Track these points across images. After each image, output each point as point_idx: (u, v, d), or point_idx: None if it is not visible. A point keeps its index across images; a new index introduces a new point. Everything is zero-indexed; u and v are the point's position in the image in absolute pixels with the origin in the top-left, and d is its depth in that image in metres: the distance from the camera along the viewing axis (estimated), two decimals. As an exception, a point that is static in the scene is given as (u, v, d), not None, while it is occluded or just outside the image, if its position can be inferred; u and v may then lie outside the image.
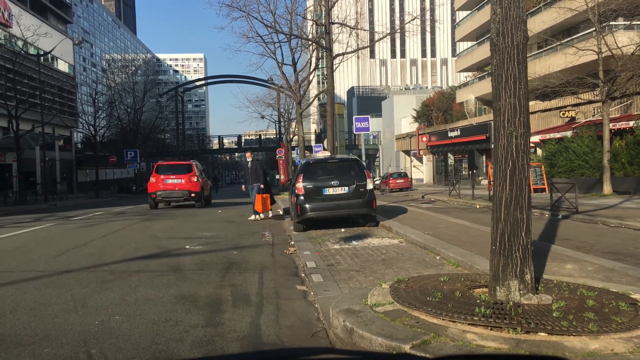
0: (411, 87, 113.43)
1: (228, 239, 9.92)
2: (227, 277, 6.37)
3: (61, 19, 59.75)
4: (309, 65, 27.14)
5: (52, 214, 19.62)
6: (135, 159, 45.45)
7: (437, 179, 49.61)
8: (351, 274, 6.46)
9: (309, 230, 10.79)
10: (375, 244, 8.75)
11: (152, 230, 11.69)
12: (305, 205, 10.43)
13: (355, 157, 11.90)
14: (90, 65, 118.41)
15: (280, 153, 36.75)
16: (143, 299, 5.24)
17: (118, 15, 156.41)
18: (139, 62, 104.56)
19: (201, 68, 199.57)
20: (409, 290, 4.48)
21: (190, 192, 18.83)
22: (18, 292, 5.53)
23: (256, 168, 14.73)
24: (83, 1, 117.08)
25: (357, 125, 15.69)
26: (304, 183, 10.49)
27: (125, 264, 7.26)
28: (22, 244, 9.72)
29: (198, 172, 19.59)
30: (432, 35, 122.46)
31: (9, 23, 43.17)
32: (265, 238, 10.16)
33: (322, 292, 5.55)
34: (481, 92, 40.34)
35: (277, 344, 3.92)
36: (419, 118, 56.76)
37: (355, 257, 7.55)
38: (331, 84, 16.02)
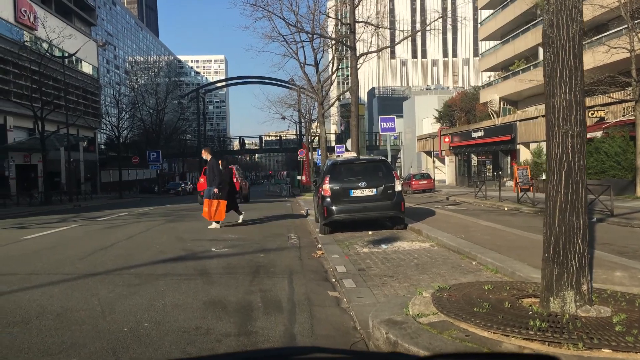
0: (432, 87, 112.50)
1: (253, 242, 9.73)
2: (255, 282, 6.17)
3: (85, 22, 60.51)
4: (331, 66, 26.92)
5: (77, 214, 19.72)
6: (157, 159, 45.75)
7: (459, 180, 48.95)
8: (384, 279, 6.21)
9: (335, 232, 10.56)
10: (405, 248, 8.47)
11: (176, 231, 11.57)
12: (331, 207, 10.20)
13: (383, 158, 11.62)
14: (113, 67, 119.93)
15: (302, 154, 36.56)
16: (171, 305, 5.06)
17: (140, 17, 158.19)
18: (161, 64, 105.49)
19: (222, 69, 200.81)
20: (452, 300, 4.22)
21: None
22: (44, 296, 5.40)
23: (212, 168, 12.36)
24: (107, 4, 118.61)
25: (383, 126, 15.41)
26: (330, 184, 10.26)
27: (151, 267, 7.11)
28: (48, 245, 9.67)
29: (238, 174, 22.26)
30: (454, 34, 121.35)
31: (34, 26, 43.83)
32: (291, 240, 9.95)
33: (356, 299, 5.31)
34: (506, 92, 39.68)
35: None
36: (441, 118, 56.12)
37: (386, 262, 7.30)
38: (355, 83, 15.75)
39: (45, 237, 11.19)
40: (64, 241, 10.18)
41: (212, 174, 12.29)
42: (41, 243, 10.02)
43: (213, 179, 12.25)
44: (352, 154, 11.79)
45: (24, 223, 15.40)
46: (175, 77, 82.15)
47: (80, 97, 52.65)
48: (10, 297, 5.36)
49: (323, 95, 26.86)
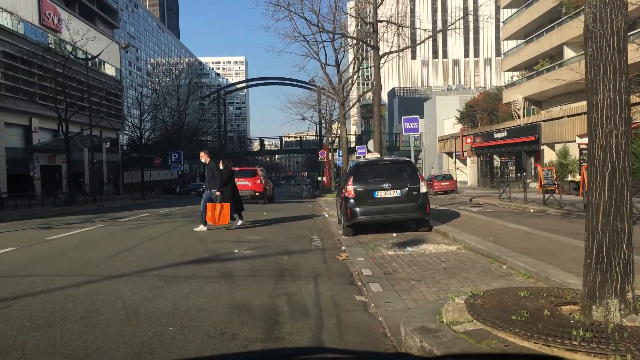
0: (453, 87, 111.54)
1: (276, 243, 9.63)
2: (280, 285, 6.06)
3: (108, 24, 61.27)
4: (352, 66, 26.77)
5: (100, 215, 19.87)
6: (179, 160, 46.06)
7: (482, 182, 48.35)
8: (412, 283, 6.05)
9: (359, 234, 10.41)
10: (432, 251, 8.29)
11: (199, 233, 11.53)
12: (355, 209, 10.05)
13: (407, 158, 11.44)
14: (135, 69, 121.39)
15: (323, 155, 36.44)
16: (196, 308, 4.97)
17: (162, 19, 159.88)
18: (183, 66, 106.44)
19: (242, 71, 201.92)
20: (487, 307, 4.04)
21: (255, 192, 22.74)
22: (68, 299, 5.35)
23: (212, 170, 11.95)
24: (129, 6, 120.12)
25: (407, 126, 15.20)
26: (354, 186, 10.11)
27: (175, 269, 7.05)
28: (72, 245, 9.70)
29: (262, 176, 23.58)
30: (476, 34, 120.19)
31: (58, 28, 44.50)
32: (315, 243, 9.83)
33: (384, 304, 5.16)
34: (529, 91, 39.09)
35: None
36: (463, 119, 55.55)
37: (413, 265, 7.13)
38: (378, 83, 15.58)
39: (69, 237, 11.24)
40: (87, 242, 10.21)
41: (212, 176, 11.90)
42: (65, 244, 10.06)
43: (214, 182, 11.87)
44: (375, 155, 11.63)
45: (49, 223, 15.54)
46: (196, 78, 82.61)
47: (103, 98, 53.28)
48: (34, 299, 5.33)
49: (344, 96, 26.70)
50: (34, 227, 14.36)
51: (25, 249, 9.21)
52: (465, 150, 49.41)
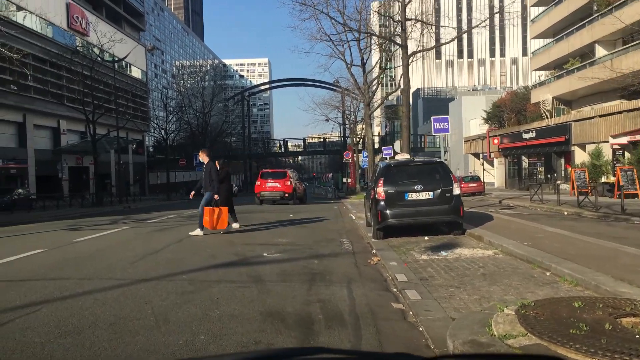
0: (479, 87, 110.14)
1: (306, 246, 9.42)
2: (313, 291, 5.83)
3: (134, 27, 62.00)
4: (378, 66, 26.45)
5: (127, 216, 19.94)
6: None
7: (509, 183, 47.47)
8: (450, 290, 5.76)
9: (389, 237, 10.13)
10: (467, 255, 7.98)
11: (226, 235, 11.38)
12: (386, 212, 9.78)
13: (440, 159, 11.11)
14: (161, 71, 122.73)
15: (347, 156, 36.16)
16: (227, 315, 4.78)
17: (187, 22, 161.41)
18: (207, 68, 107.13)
19: (265, 72, 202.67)
20: (540, 319, 3.75)
21: (285, 193, 23.47)
22: (97, 304, 5.21)
23: (210, 172, 11.38)
24: (154, 10, 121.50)
25: (436, 126, 14.84)
26: (384, 187, 9.83)
27: (203, 273, 6.88)
28: (100, 247, 9.63)
29: (292, 177, 24.34)
30: (502, 33, 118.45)
31: (86, 31, 45.15)
32: (344, 246, 9.59)
33: (424, 313, 4.90)
34: (559, 91, 38.21)
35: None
36: (490, 119, 54.65)
37: (449, 271, 6.83)
38: (407, 83, 15.27)
39: (97, 239, 11.19)
40: (115, 244, 10.14)
41: (210, 178, 11.32)
42: (93, 246, 10.00)
43: (211, 184, 11.29)
44: (405, 156, 11.34)
45: (77, 225, 15.60)
46: (221, 80, 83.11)
47: (129, 100, 53.91)
48: (63, 304, 5.20)
49: (369, 97, 26.39)
50: (61, 228, 14.41)
51: (53, 251, 9.17)
52: (492, 151, 48.60)
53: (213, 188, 11.23)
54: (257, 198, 24.27)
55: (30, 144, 40.29)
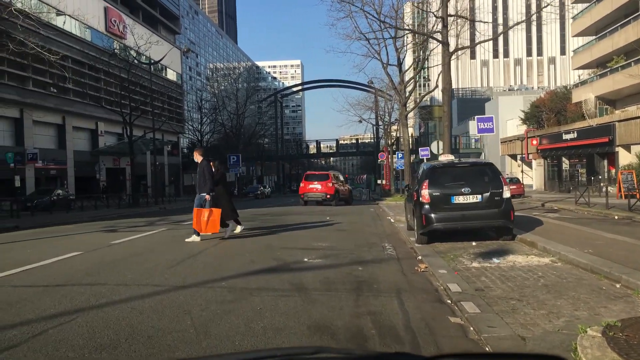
0: (515, 87, 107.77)
1: (347, 251, 9.01)
2: (361, 302, 5.43)
3: (170, 30, 62.73)
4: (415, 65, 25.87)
5: (163, 217, 19.88)
6: (237, 163, 46.30)
7: (549, 185, 46.07)
8: (512, 303, 5.28)
9: (434, 242, 9.64)
10: (522, 263, 7.45)
11: (264, 238, 11.08)
12: (431, 215, 9.29)
13: (489, 161, 10.55)
14: (195, 74, 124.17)
15: (382, 157, 35.62)
16: (272, 329, 4.42)
17: (220, 26, 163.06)
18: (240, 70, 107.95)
19: (298, 74, 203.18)
20: (634, 343, 3.26)
21: (327, 194, 24.35)
22: (134, 313, 4.92)
23: (203, 171, 10.64)
24: (189, 13, 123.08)
25: (480, 126, 14.23)
26: (429, 190, 9.35)
27: (244, 280, 6.55)
28: (137, 251, 9.43)
29: (334, 179, 25.30)
30: (539, 32, 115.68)
31: (123, 35, 45.79)
32: (387, 251, 9.15)
33: (487, 329, 4.44)
34: (603, 90, 36.82)
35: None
36: (528, 120, 53.25)
37: (506, 280, 6.33)
38: (448, 81, 14.72)
39: (133, 242, 11.03)
40: (151, 247, 9.93)
41: (203, 178, 10.62)
42: (130, 248, 9.82)
43: (204, 185, 10.60)
44: (449, 157, 10.83)
45: (114, 226, 15.56)
46: (254, 82, 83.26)
47: (165, 102, 54.53)
48: (98, 313, 4.92)
49: (406, 97, 25.84)
50: (99, 230, 14.37)
51: (90, 254, 9.00)
52: (530, 153, 47.27)
53: (205, 188, 10.54)
54: (301, 199, 25.47)
55: (70, 146, 41.06)
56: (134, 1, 52.54)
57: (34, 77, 36.06)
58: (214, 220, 10.19)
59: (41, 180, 37.53)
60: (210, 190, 10.53)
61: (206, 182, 10.56)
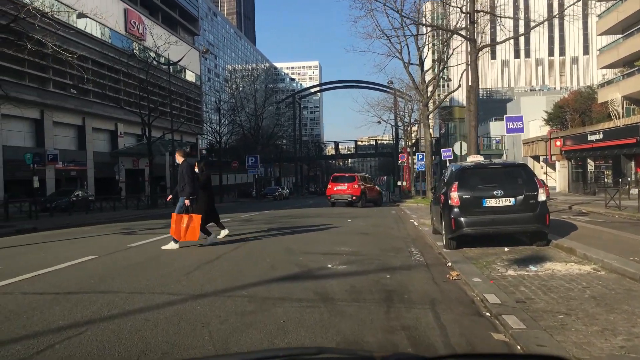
0: (537, 88, 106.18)
1: (372, 257, 8.58)
2: (392, 314, 5.00)
3: (189, 32, 62.84)
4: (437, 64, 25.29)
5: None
6: (255, 164, 46.17)
7: (573, 187, 44.98)
8: (559, 318, 4.80)
9: (463, 247, 9.15)
10: (562, 272, 6.93)
11: (284, 242, 10.68)
12: (460, 219, 8.80)
13: (522, 162, 10.02)
14: (214, 75, 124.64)
15: (403, 158, 35.06)
16: (298, 345, 4.01)
17: (239, 27, 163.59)
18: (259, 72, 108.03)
19: (316, 75, 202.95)
20: None
21: (353, 195, 24.56)
22: (148, 326, 4.54)
23: (183, 173, 9.75)
24: (208, 15, 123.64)
25: (509, 126, 13.69)
26: (459, 192, 8.85)
27: (265, 288, 6.15)
28: (153, 255, 9.09)
29: (361, 181, 25.54)
30: (561, 32, 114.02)
31: (142, 36, 45.91)
32: (415, 257, 8.69)
33: (536, 348, 4.00)
34: (630, 89, 35.80)
35: None
36: (551, 120, 52.18)
37: (548, 291, 5.84)
38: (475, 79, 14.21)
39: (150, 245, 10.70)
40: (168, 251, 9.59)
41: (183, 180, 9.70)
42: (146, 252, 9.49)
43: (183, 188, 9.70)
44: (477, 158, 10.31)
45: (131, 228, 15.32)
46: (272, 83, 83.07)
47: (183, 103, 54.59)
48: (109, 325, 4.56)
49: (427, 96, 25.29)
50: (115, 232, 14.13)
51: (105, 258, 8.70)
52: (554, 154, 46.27)
53: (184, 192, 9.69)
54: (328, 200, 26.02)
55: (89, 147, 41.25)
56: (154, 3, 52.69)
57: (54, 79, 36.24)
58: (194, 227, 9.43)
59: (61, 181, 37.71)
60: (190, 194, 9.69)
61: (186, 184, 9.69)
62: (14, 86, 31.00)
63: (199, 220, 9.55)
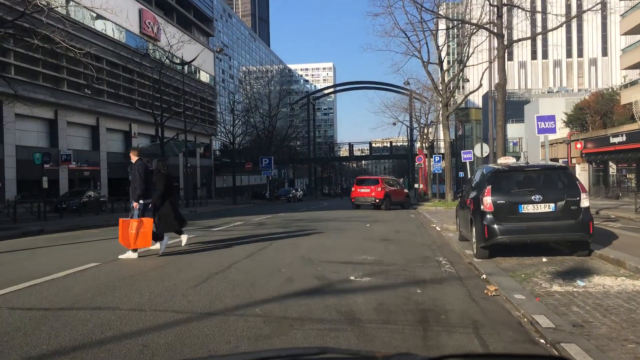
0: (554, 89, 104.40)
1: (398, 267, 7.84)
2: (431, 340, 4.27)
3: (204, 32, 62.49)
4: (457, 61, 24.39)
5: (192, 221, 18.94)
6: (269, 165, 45.52)
7: (594, 191, 43.76)
8: (630, 348, 4.06)
9: (495, 257, 8.38)
10: (614, 288, 6.14)
11: (301, 248, 9.97)
12: (494, 227, 8.03)
13: (562, 164, 9.21)
14: (228, 76, 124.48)
15: (420, 160, 34.23)
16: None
17: (253, 29, 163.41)
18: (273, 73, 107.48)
19: (330, 77, 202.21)
20: None
21: (376, 198, 24.39)
22: (145, 353, 3.86)
23: (135, 173, 8.97)
24: (223, 16, 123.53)
25: (541, 126, 12.86)
26: (493, 197, 8.08)
27: (280, 305, 5.44)
28: (159, 263, 8.42)
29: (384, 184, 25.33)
30: (579, 33, 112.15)
31: (157, 36, 45.59)
32: (444, 267, 7.93)
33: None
34: (656, 90, 34.62)
35: None
36: (571, 123, 50.94)
37: (607, 313, 5.07)
38: (503, 77, 13.42)
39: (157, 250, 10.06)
40: (176, 258, 8.91)
41: (134, 181, 8.89)
42: (151, 260, 8.80)
43: (135, 190, 8.87)
44: (509, 160, 9.54)
45: (140, 230, 14.71)
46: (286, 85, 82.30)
47: (197, 104, 54.19)
48: (100, 353, 3.88)
49: (447, 96, 24.46)
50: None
51: (107, 266, 8.03)
52: (573, 157, 45.09)
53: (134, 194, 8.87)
54: (352, 202, 26.04)
55: (103, 147, 40.95)
56: (168, 3, 52.41)
57: (68, 79, 35.95)
58: (145, 232, 8.55)
59: (75, 181, 37.43)
60: (139, 197, 8.83)
61: (137, 186, 8.83)
62: (27, 86, 30.73)
63: (150, 225, 8.69)
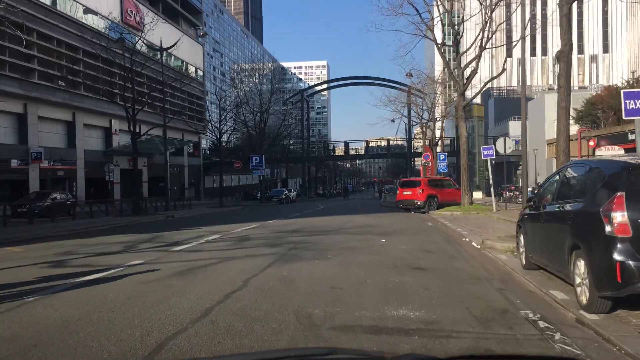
0: (555, 87, 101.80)
1: (468, 337, 4.47)
2: None
3: (191, 24, 58.87)
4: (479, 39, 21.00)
5: (156, 234, 15.01)
6: (260, 164, 41.96)
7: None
8: None
9: (616, 309, 5.08)
10: None
11: (297, 289, 6.43)
12: (633, 264, 4.67)
13: None
14: (219, 74, 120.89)
15: (427, 158, 31.09)
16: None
17: (246, 27, 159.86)
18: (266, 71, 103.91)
19: (324, 75, 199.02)
20: None
21: (416, 201, 23.88)
22: None
23: None
24: (214, 12, 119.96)
25: (629, 106, 9.61)
26: (631, 213, 4.75)
27: None
28: (65, 320, 5.04)
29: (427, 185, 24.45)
30: (580, 29, 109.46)
31: (140, 27, 41.98)
32: (546, 333, 4.59)
33: None
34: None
35: None
36: (581, 119, 48.08)
37: None
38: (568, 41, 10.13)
39: (69, 296, 6.49)
40: (96, 310, 5.56)
41: None
42: (55, 313, 5.43)
43: None
44: (619, 152, 6.31)
45: (68, 253, 10.81)
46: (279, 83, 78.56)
47: (185, 100, 50.75)
48: None
49: (464, 84, 21.23)
50: (46, 259, 9.86)
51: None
52: (584, 155, 42.15)
53: None
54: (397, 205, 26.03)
55: (80, 145, 37.48)
56: (153, -8, 48.94)
57: (39, 69, 32.43)
58: None
59: (47, 182, 33.94)
60: None
61: None
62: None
63: None
